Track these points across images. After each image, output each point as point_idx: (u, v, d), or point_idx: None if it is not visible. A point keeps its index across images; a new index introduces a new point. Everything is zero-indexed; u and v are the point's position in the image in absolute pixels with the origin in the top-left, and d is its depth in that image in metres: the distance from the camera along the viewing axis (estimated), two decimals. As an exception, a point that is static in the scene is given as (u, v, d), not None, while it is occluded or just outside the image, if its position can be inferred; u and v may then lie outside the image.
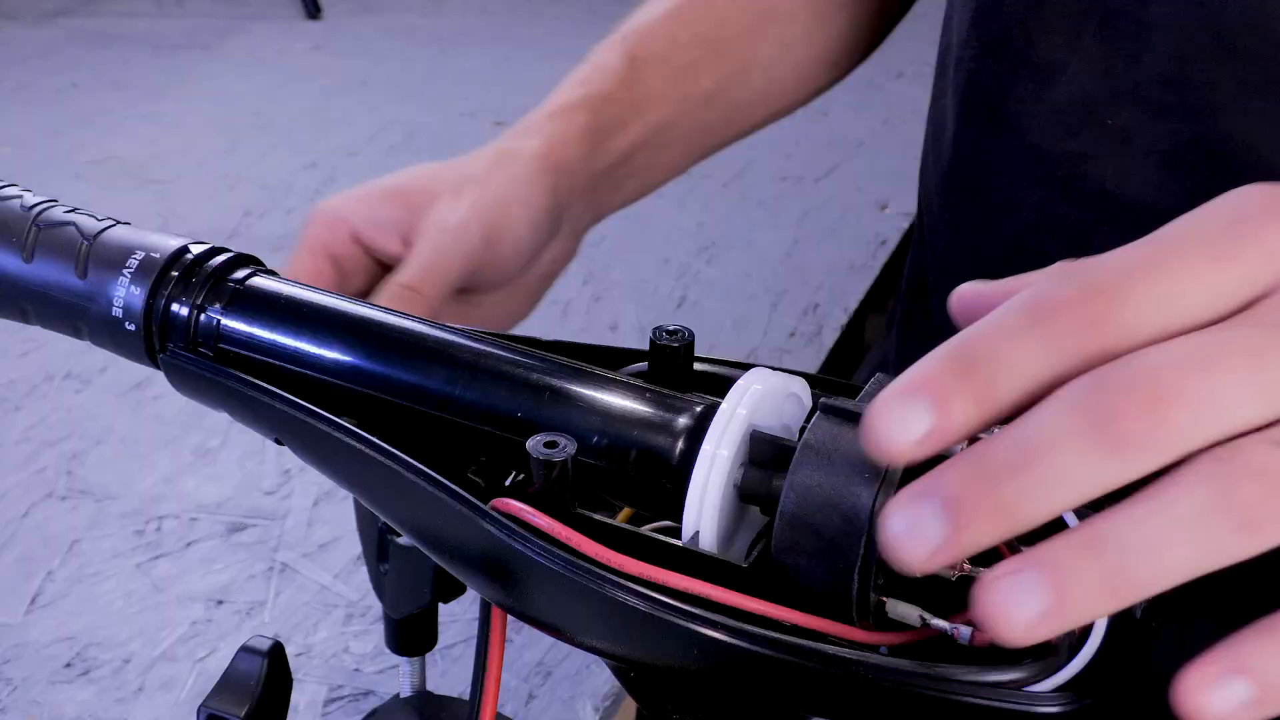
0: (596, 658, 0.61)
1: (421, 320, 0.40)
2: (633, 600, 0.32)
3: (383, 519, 0.45)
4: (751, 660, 0.31)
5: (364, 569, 0.78)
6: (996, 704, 0.30)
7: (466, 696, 0.42)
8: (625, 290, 1.25)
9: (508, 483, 0.38)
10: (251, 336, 0.41)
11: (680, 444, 0.35)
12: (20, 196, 0.45)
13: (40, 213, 0.44)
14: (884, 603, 0.32)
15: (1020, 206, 0.61)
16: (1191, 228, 0.29)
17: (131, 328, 0.42)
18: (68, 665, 0.76)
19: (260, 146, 1.64)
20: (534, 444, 0.36)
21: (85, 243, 0.43)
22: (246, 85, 1.89)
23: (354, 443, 0.37)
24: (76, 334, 0.45)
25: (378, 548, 0.49)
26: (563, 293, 1.24)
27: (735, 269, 1.31)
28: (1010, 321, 0.28)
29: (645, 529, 0.37)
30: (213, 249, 0.43)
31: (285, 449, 0.41)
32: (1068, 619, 0.26)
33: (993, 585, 0.26)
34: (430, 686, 0.58)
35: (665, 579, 0.33)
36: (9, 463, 0.96)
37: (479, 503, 0.34)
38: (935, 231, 0.70)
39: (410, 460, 0.36)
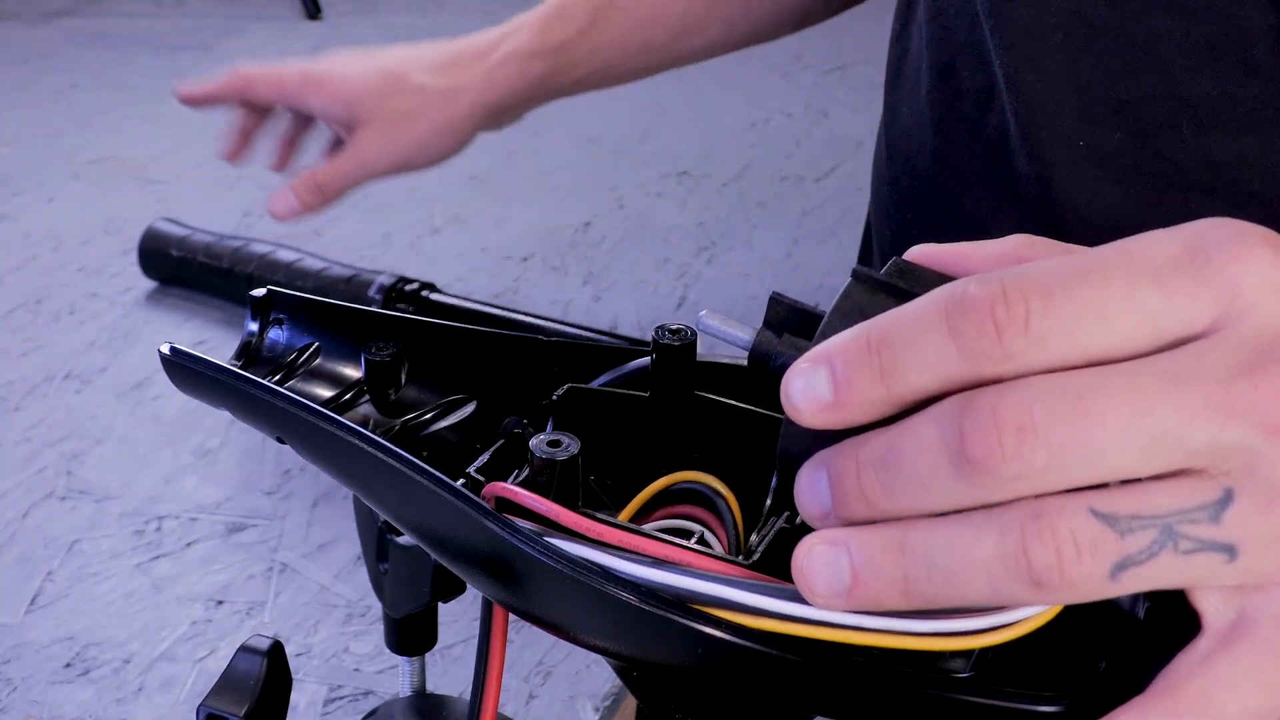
0: (596, 657, 0.61)
1: None
2: (636, 598, 0.32)
3: (384, 517, 0.45)
4: (755, 659, 0.31)
5: (364, 569, 0.78)
6: (996, 703, 0.30)
7: (466, 696, 0.42)
8: (625, 290, 1.25)
9: (510, 481, 0.38)
10: None
11: None
12: None
13: None
14: None
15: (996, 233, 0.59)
16: (1145, 248, 0.28)
17: None
18: (68, 665, 0.76)
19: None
20: (537, 443, 0.36)
21: None
22: (246, 85, 1.89)
23: (356, 441, 0.37)
24: None
25: (377, 547, 0.49)
26: (563, 293, 1.24)
27: (735, 269, 1.31)
28: (927, 313, 0.28)
29: (648, 527, 0.37)
30: None
31: (285, 448, 0.41)
32: (860, 603, 0.28)
33: (807, 550, 0.29)
34: (430, 686, 0.58)
35: (644, 546, 0.33)
36: (9, 463, 0.96)
37: (481, 500, 0.34)
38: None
39: (411, 458, 0.36)
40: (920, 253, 0.34)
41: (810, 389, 0.29)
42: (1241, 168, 0.51)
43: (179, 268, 1.23)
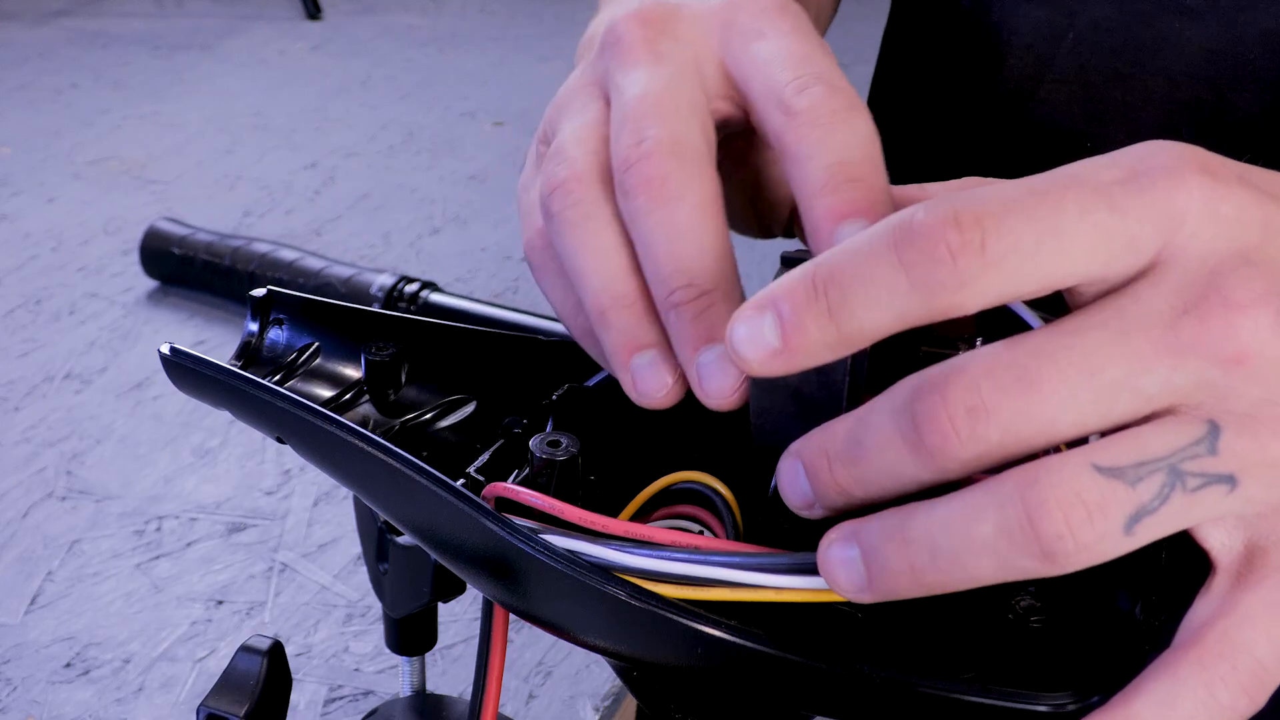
0: (596, 657, 0.61)
1: None
2: (635, 599, 0.32)
3: (384, 517, 0.45)
4: (755, 659, 0.31)
5: (364, 569, 0.78)
6: (996, 703, 0.30)
7: (466, 696, 0.42)
8: (625, 290, 1.25)
9: (510, 481, 0.38)
10: None
11: None
12: None
13: None
14: None
15: None
16: (1091, 170, 0.28)
17: None
18: (68, 665, 0.76)
19: (260, 146, 1.64)
20: (536, 443, 0.36)
21: None
22: (246, 85, 1.89)
23: (356, 441, 0.37)
24: None
25: (377, 547, 0.49)
26: (563, 293, 1.24)
27: (735, 269, 1.31)
28: (875, 246, 0.26)
29: (669, 551, 0.37)
30: None
31: (285, 449, 0.41)
32: (881, 596, 0.28)
33: (825, 550, 0.29)
34: (430, 686, 0.58)
35: (649, 535, 0.33)
36: (9, 463, 0.96)
37: (481, 500, 0.34)
38: None
39: (411, 458, 0.36)
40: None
41: (756, 336, 0.28)
42: None
43: (180, 266, 1.23)
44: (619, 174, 0.34)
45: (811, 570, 0.30)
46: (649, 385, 0.34)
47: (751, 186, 0.40)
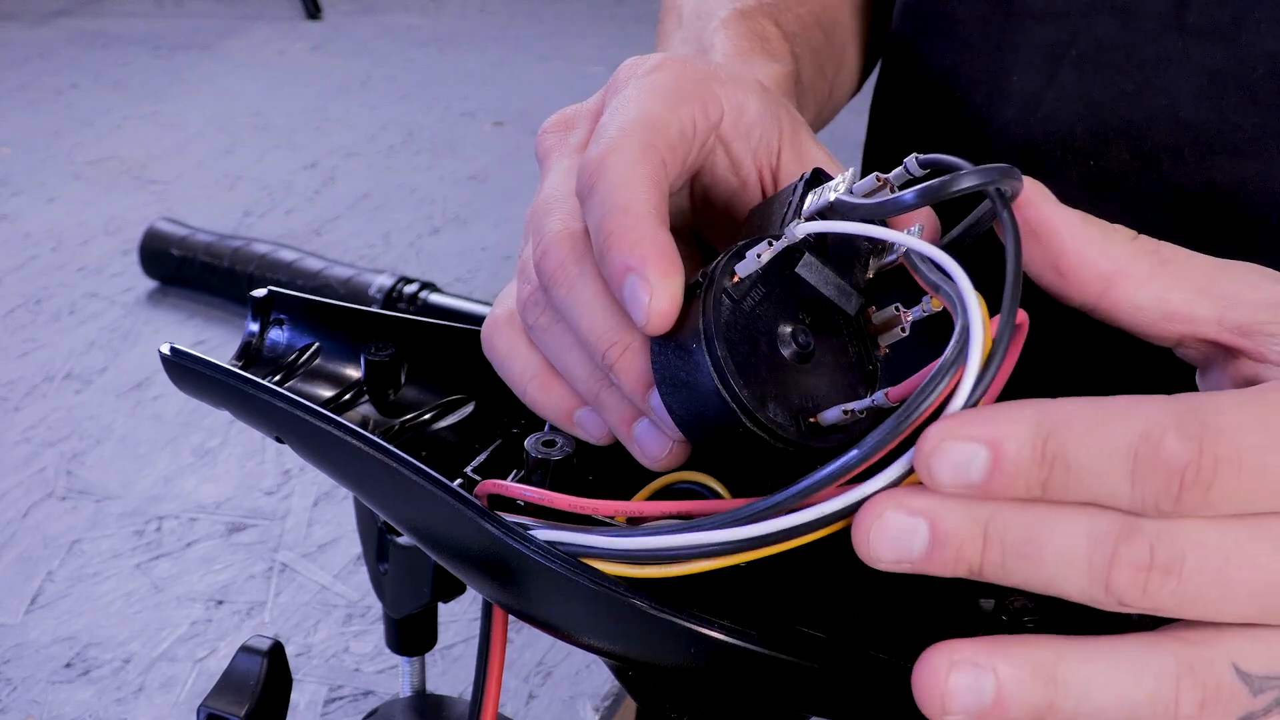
0: (596, 658, 0.61)
1: None
2: (632, 599, 0.32)
3: (382, 517, 0.45)
4: (749, 659, 0.31)
5: (364, 569, 0.78)
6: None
7: (466, 696, 0.42)
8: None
9: (508, 480, 0.38)
10: None
11: None
12: None
13: None
14: (814, 421, 0.33)
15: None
16: None
17: None
18: (68, 665, 0.76)
19: (260, 146, 1.64)
20: (532, 442, 0.36)
21: None
22: (246, 85, 1.89)
23: (354, 442, 0.37)
24: None
25: (377, 547, 0.49)
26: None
27: (735, 269, 1.31)
28: (1116, 446, 0.27)
29: (646, 527, 0.37)
30: None
31: (285, 448, 0.41)
32: None
33: (944, 672, 0.28)
34: (430, 686, 0.59)
35: (646, 510, 0.33)
36: (9, 463, 0.96)
37: (478, 502, 0.35)
38: None
39: (409, 459, 0.36)
40: (1039, 199, 0.32)
41: (964, 467, 0.27)
42: (1242, 192, 0.51)
43: (180, 267, 1.23)
44: (537, 276, 0.37)
45: (787, 512, 0.29)
46: (654, 449, 0.36)
47: (703, 212, 0.43)
